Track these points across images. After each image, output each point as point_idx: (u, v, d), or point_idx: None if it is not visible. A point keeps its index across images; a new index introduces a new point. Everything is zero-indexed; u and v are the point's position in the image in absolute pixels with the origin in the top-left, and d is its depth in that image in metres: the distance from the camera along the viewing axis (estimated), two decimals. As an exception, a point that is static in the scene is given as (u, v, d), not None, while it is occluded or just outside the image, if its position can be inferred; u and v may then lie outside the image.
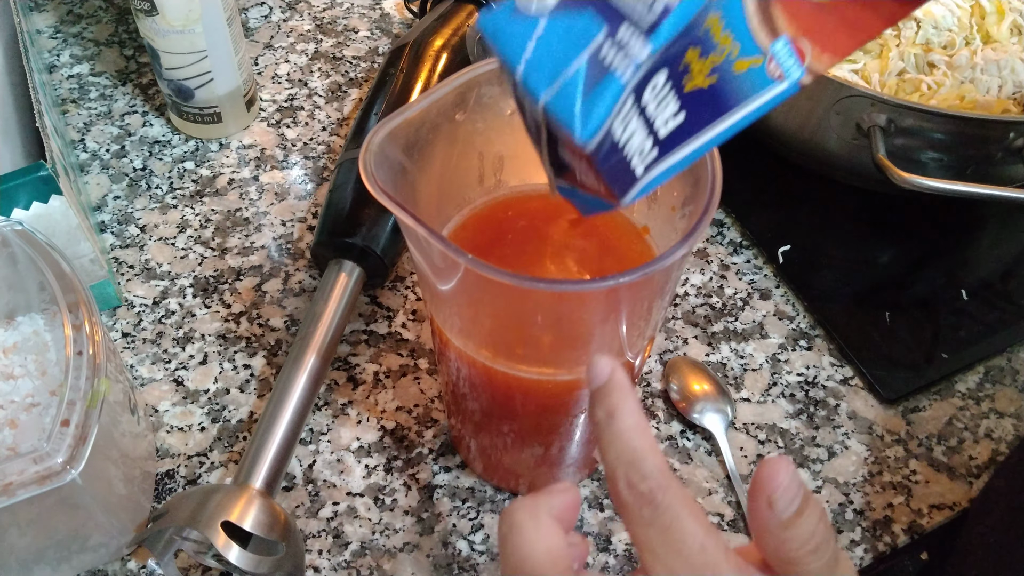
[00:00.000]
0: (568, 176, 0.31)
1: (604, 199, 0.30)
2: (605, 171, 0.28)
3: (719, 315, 0.55)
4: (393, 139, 0.34)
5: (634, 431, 0.27)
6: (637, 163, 0.29)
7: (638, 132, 0.28)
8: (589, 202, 0.32)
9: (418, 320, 0.54)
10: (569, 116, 0.26)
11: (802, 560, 0.27)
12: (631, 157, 0.28)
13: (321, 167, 0.63)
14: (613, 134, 0.27)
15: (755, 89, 0.29)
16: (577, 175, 0.30)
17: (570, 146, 0.28)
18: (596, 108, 0.26)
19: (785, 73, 0.29)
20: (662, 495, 0.26)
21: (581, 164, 0.29)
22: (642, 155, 0.28)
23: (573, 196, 0.32)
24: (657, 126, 0.28)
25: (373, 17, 0.74)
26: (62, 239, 0.48)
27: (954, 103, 0.57)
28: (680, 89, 0.28)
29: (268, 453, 0.44)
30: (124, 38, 0.71)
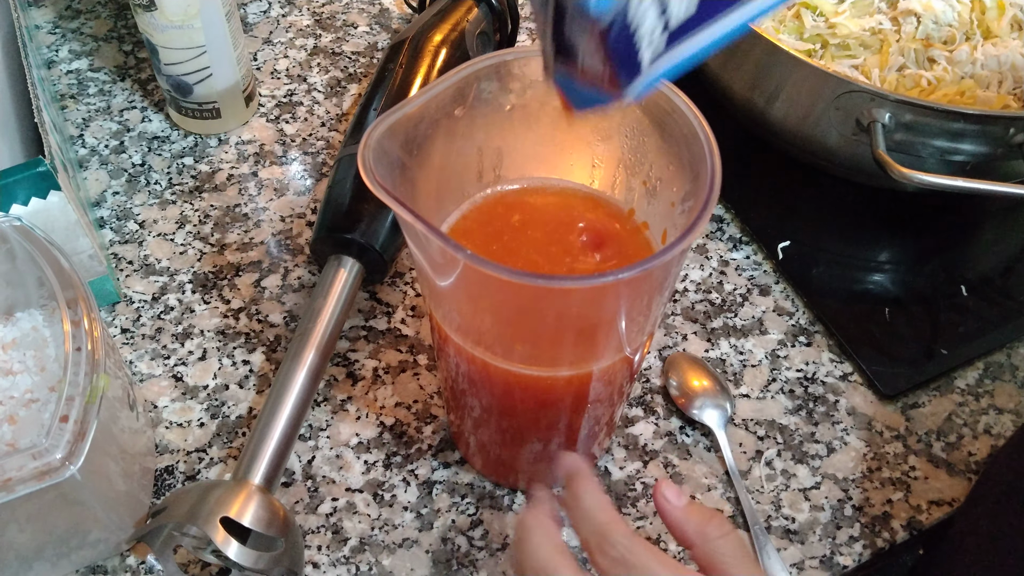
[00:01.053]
0: (568, 63, 0.29)
1: (603, 91, 0.28)
2: (613, 51, 0.26)
3: (718, 311, 0.55)
4: (392, 135, 0.34)
5: (598, 508, 0.33)
6: (645, 51, 0.27)
7: (651, 12, 0.26)
8: (585, 95, 0.30)
9: (417, 316, 0.54)
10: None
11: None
12: (640, 43, 0.26)
13: (320, 163, 0.63)
14: (628, 10, 0.25)
15: None
16: (579, 59, 0.28)
17: (581, 20, 0.26)
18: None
19: None
20: (631, 555, 0.31)
21: (587, 43, 0.27)
22: (651, 43, 0.27)
23: (569, 87, 0.30)
24: (670, 10, 0.26)
25: (372, 12, 0.74)
26: (61, 235, 0.48)
27: (954, 98, 0.57)
28: None
29: (267, 449, 0.44)
30: (123, 33, 0.71)
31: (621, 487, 0.48)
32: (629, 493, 0.47)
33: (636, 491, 0.48)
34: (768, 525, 0.47)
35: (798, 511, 0.47)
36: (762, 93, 0.57)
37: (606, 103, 0.30)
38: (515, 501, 0.47)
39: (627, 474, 0.48)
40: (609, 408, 0.43)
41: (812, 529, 0.47)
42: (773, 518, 0.47)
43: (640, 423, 0.50)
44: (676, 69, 0.28)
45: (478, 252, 0.30)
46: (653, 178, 0.39)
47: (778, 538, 0.46)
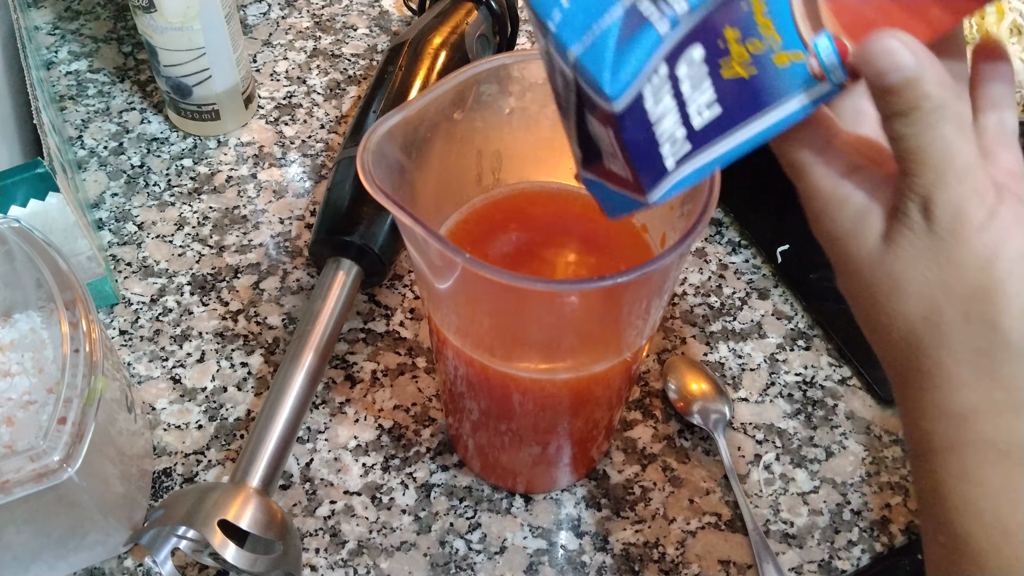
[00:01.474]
0: (596, 166, 0.29)
1: (630, 194, 0.29)
2: (632, 146, 0.26)
3: (717, 315, 0.55)
4: (391, 137, 0.34)
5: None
6: (668, 153, 0.27)
7: (671, 113, 0.26)
8: (615, 199, 0.30)
9: (416, 319, 0.54)
10: (599, 68, 0.25)
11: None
12: (662, 142, 0.27)
13: (319, 165, 0.63)
14: (644, 101, 0.26)
15: (796, 87, 0.27)
16: (604, 160, 0.29)
17: (599, 113, 0.26)
18: (629, 59, 0.25)
19: (826, 73, 0.27)
20: None
21: (609, 139, 0.27)
22: (674, 144, 0.27)
23: (599, 191, 0.31)
24: (691, 113, 0.27)
25: (372, 15, 0.74)
26: (59, 236, 0.48)
27: (953, 103, 0.56)
28: (717, 74, 0.26)
29: (265, 451, 0.44)
30: (122, 35, 0.71)
31: (620, 491, 0.48)
32: (627, 497, 0.47)
33: (634, 494, 0.48)
34: (767, 529, 0.47)
35: (797, 515, 0.47)
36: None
37: (633, 207, 0.29)
38: (513, 504, 0.47)
39: (625, 477, 0.48)
40: (608, 411, 0.43)
41: (811, 533, 0.47)
42: (772, 522, 0.47)
43: (639, 426, 0.50)
44: (704, 171, 0.28)
45: (477, 255, 0.30)
46: (652, 182, 0.39)
47: (777, 542, 0.46)
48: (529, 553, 0.45)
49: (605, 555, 0.45)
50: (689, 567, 0.45)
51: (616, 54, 0.25)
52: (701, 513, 0.47)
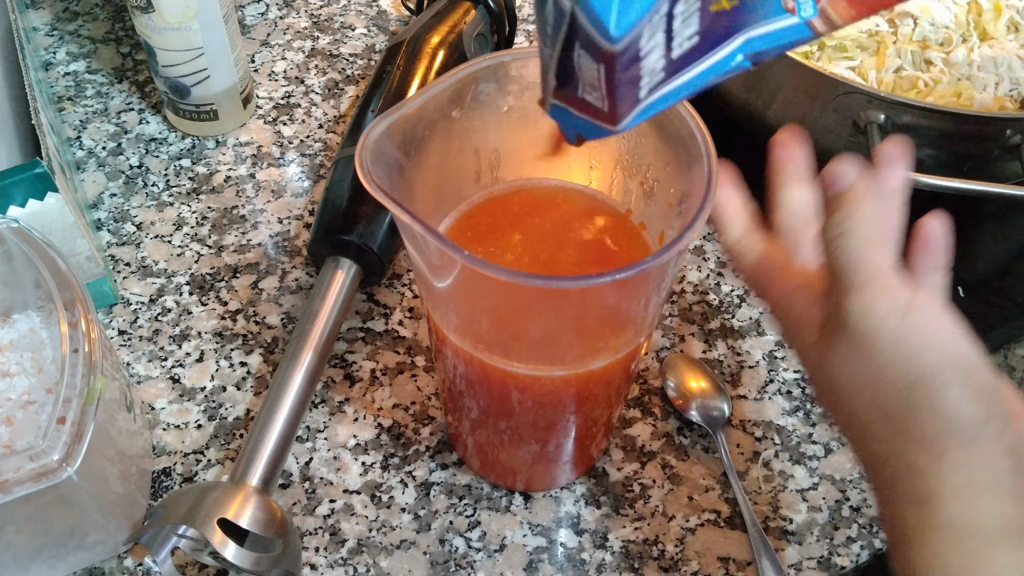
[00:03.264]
0: (567, 95, 0.30)
1: (598, 122, 0.29)
2: (619, 81, 0.27)
3: (716, 312, 0.55)
4: (389, 136, 0.34)
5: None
6: (644, 84, 0.28)
7: (658, 47, 0.27)
8: (580, 125, 0.31)
9: (415, 317, 0.54)
10: (606, 7, 0.25)
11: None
12: (643, 75, 0.27)
13: (318, 164, 0.63)
14: (640, 40, 0.26)
15: (765, 17, 0.28)
16: (580, 90, 0.29)
17: (594, 49, 0.26)
18: (636, 2, 0.25)
19: (797, 7, 0.28)
20: None
21: (591, 73, 0.27)
22: (652, 76, 0.27)
23: (564, 117, 0.31)
24: (674, 45, 0.27)
25: (370, 14, 0.74)
26: (58, 236, 0.48)
27: (951, 100, 0.57)
28: (706, 8, 0.27)
29: (265, 450, 0.44)
30: (120, 35, 0.71)
31: (619, 488, 0.48)
32: (627, 494, 0.47)
33: (634, 492, 0.48)
34: (766, 526, 0.47)
35: (796, 512, 0.47)
36: (759, 94, 0.57)
37: (599, 135, 0.30)
38: (513, 502, 0.47)
39: (625, 475, 0.48)
40: (607, 409, 0.43)
41: (810, 530, 0.47)
42: (771, 519, 0.47)
43: (638, 424, 0.50)
44: (670, 99, 0.29)
45: (475, 253, 0.30)
46: (650, 179, 0.39)
47: (776, 539, 0.46)
48: (529, 551, 0.45)
49: (604, 553, 0.45)
50: (688, 564, 0.45)
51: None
52: (700, 510, 0.47)
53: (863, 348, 0.30)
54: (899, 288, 0.30)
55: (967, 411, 0.29)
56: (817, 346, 0.32)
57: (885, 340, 0.30)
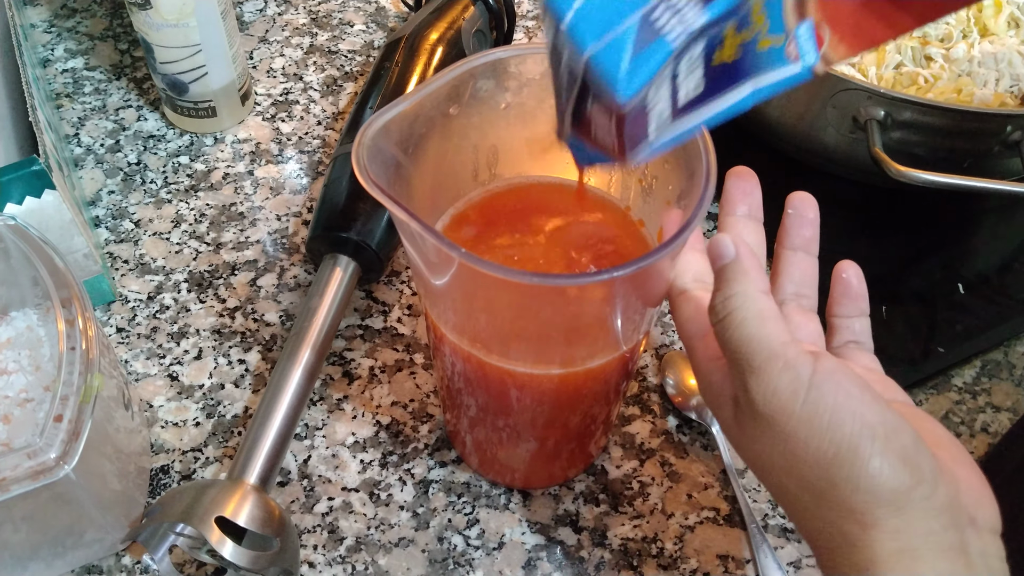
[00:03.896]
0: (581, 133, 0.31)
1: (607, 155, 0.31)
2: (627, 131, 0.28)
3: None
4: (386, 133, 0.34)
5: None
6: (653, 128, 0.29)
7: (664, 99, 0.28)
8: (591, 156, 0.32)
9: (413, 315, 0.54)
10: (614, 73, 0.27)
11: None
12: (651, 121, 0.29)
13: (316, 161, 0.62)
14: (648, 97, 0.27)
15: (769, 66, 0.29)
16: (592, 130, 0.30)
17: (602, 102, 0.28)
18: (642, 70, 0.26)
19: (801, 55, 0.29)
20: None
21: (603, 120, 0.29)
22: (660, 120, 0.29)
23: (577, 148, 0.33)
24: (680, 96, 0.28)
25: (368, 11, 0.74)
26: (55, 234, 0.48)
27: (951, 96, 0.56)
28: (709, 62, 0.28)
29: (263, 448, 0.44)
30: (118, 32, 0.71)
31: (618, 485, 0.48)
32: (626, 492, 0.47)
33: (633, 489, 0.47)
34: (765, 523, 0.47)
35: (795, 509, 0.47)
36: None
37: (610, 164, 0.32)
38: (511, 500, 0.47)
39: (624, 472, 0.48)
40: (606, 406, 0.43)
41: (809, 527, 0.47)
42: (770, 516, 0.47)
43: (637, 422, 0.50)
44: (677, 139, 0.30)
45: (473, 251, 0.30)
46: (649, 176, 0.39)
47: (775, 536, 0.46)
48: (527, 549, 0.45)
49: (603, 550, 0.45)
50: (688, 562, 0.45)
51: (631, 63, 0.26)
52: (699, 508, 0.47)
53: (774, 429, 0.30)
54: (798, 362, 0.29)
55: (891, 480, 0.28)
56: (733, 422, 0.32)
57: (795, 420, 0.29)
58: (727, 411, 0.32)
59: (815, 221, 0.38)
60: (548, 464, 0.46)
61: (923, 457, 0.29)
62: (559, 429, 0.43)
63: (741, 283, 0.30)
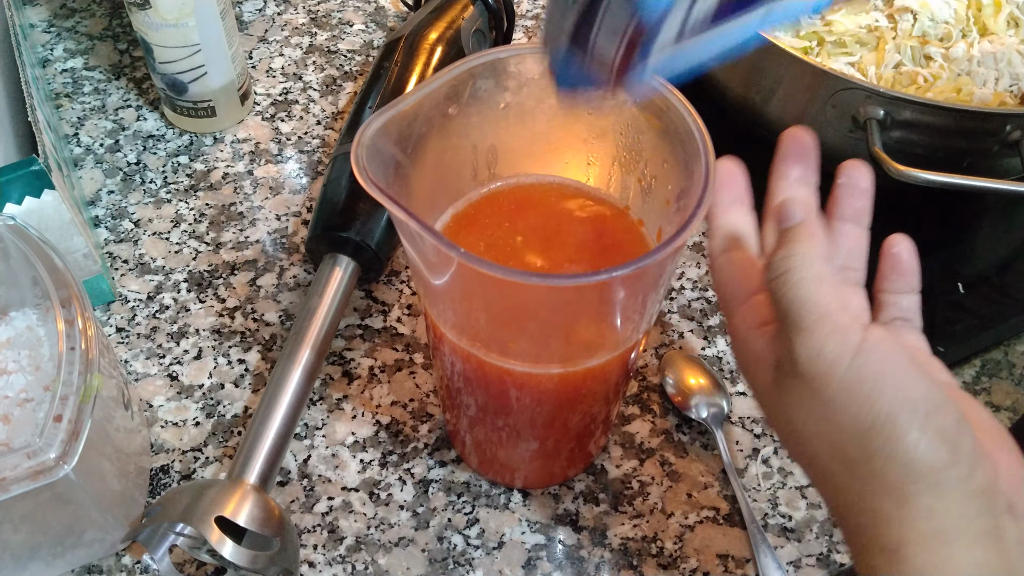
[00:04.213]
0: (578, 43, 0.29)
1: (599, 77, 0.29)
2: (637, 43, 0.27)
3: (715, 309, 0.55)
4: (385, 132, 0.34)
5: None
6: (656, 48, 0.28)
7: (678, 17, 0.27)
8: (577, 79, 0.30)
9: (413, 315, 0.54)
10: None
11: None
12: (657, 41, 0.27)
13: (316, 161, 0.62)
14: (668, 12, 0.26)
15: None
16: (592, 42, 0.28)
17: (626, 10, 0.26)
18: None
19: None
20: None
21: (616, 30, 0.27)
22: (664, 41, 0.28)
23: (565, 68, 0.30)
24: (691, 16, 0.27)
25: (368, 10, 0.74)
26: (55, 234, 0.48)
27: (951, 96, 0.56)
28: None
29: (263, 448, 0.44)
30: (118, 32, 0.71)
31: (618, 485, 0.48)
32: (626, 491, 0.47)
33: (633, 489, 0.47)
34: (765, 523, 0.47)
35: (795, 509, 0.47)
36: (758, 90, 0.57)
37: (597, 91, 0.30)
38: (511, 499, 0.47)
39: (623, 472, 0.48)
40: (605, 406, 0.43)
41: (809, 527, 0.47)
42: (770, 516, 0.47)
43: (637, 421, 0.50)
44: (672, 69, 0.29)
45: (472, 250, 0.30)
46: (648, 175, 0.39)
47: (775, 536, 0.46)
48: (527, 548, 0.45)
49: (603, 550, 0.45)
50: (687, 561, 0.45)
51: None
52: (699, 507, 0.47)
53: (815, 393, 0.29)
54: (849, 328, 0.29)
55: (927, 456, 0.28)
56: (772, 388, 0.31)
57: (837, 384, 0.29)
58: (766, 377, 0.32)
59: (868, 191, 0.36)
60: (548, 463, 0.46)
61: (964, 438, 0.28)
62: (559, 428, 0.43)
63: (805, 244, 0.30)
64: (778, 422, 0.32)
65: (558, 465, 0.47)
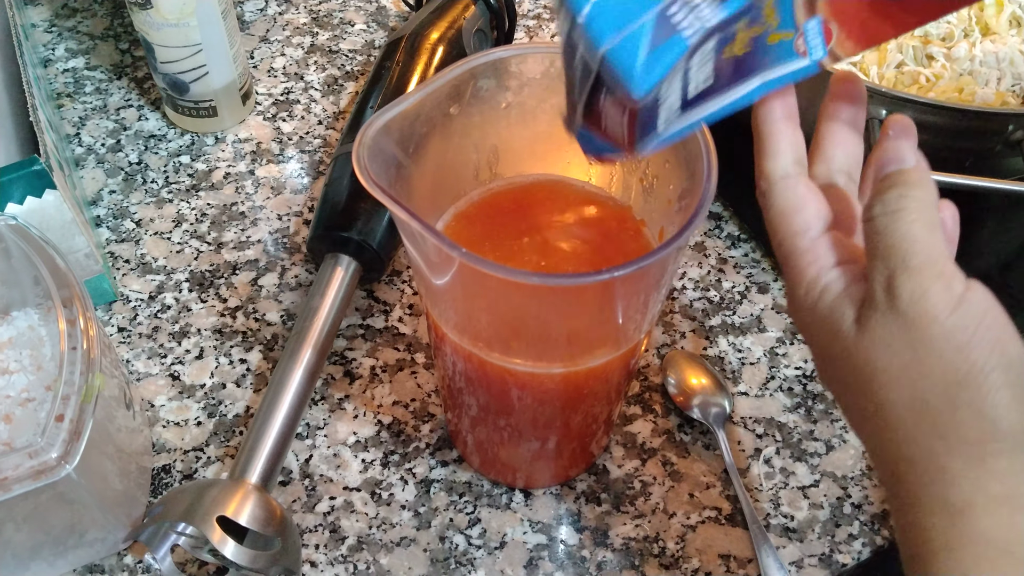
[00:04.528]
0: (591, 120, 0.31)
1: (618, 147, 0.31)
2: (640, 123, 0.29)
3: (717, 309, 0.55)
4: (387, 132, 0.34)
5: None
6: (662, 120, 0.29)
7: (676, 92, 0.28)
8: (600, 147, 0.32)
9: (415, 314, 0.54)
10: (629, 69, 0.27)
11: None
12: (661, 113, 0.29)
13: (317, 161, 0.62)
14: (661, 92, 0.28)
15: (778, 61, 0.29)
16: (603, 122, 0.31)
17: (616, 96, 0.28)
18: (657, 66, 0.27)
19: (809, 51, 0.29)
20: None
21: (615, 113, 0.29)
22: (669, 113, 0.29)
23: (586, 140, 0.33)
24: (690, 89, 0.29)
25: (369, 10, 0.74)
26: (56, 234, 0.48)
27: (952, 96, 0.56)
28: (720, 55, 0.28)
29: (264, 448, 0.44)
30: (119, 32, 0.71)
31: (619, 485, 0.48)
32: (627, 491, 0.47)
33: (634, 489, 0.47)
34: (767, 523, 0.47)
35: (797, 509, 0.47)
36: (760, 90, 0.57)
37: (618, 156, 0.32)
38: (513, 499, 0.47)
39: (625, 472, 0.48)
40: (607, 406, 0.43)
41: (811, 527, 0.46)
42: (772, 516, 0.47)
43: (638, 421, 0.50)
44: (684, 131, 0.30)
45: (474, 250, 0.30)
46: (650, 175, 0.39)
47: (777, 536, 0.46)
48: (529, 548, 0.45)
49: (605, 550, 0.45)
50: (689, 561, 0.45)
51: (647, 59, 0.27)
52: (701, 507, 0.47)
53: (910, 335, 0.28)
54: (953, 277, 0.28)
55: (1013, 416, 0.27)
56: (851, 328, 0.30)
57: (936, 330, 0.28)
58: (843, 318, 0.30)
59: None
60: (550, 463, 0.46)
61: None
62: (560, 428, 0.43)
63: (923, 190, 0.29)
64: (846, 366, 0.30)
65: (560, 465, 0.47)
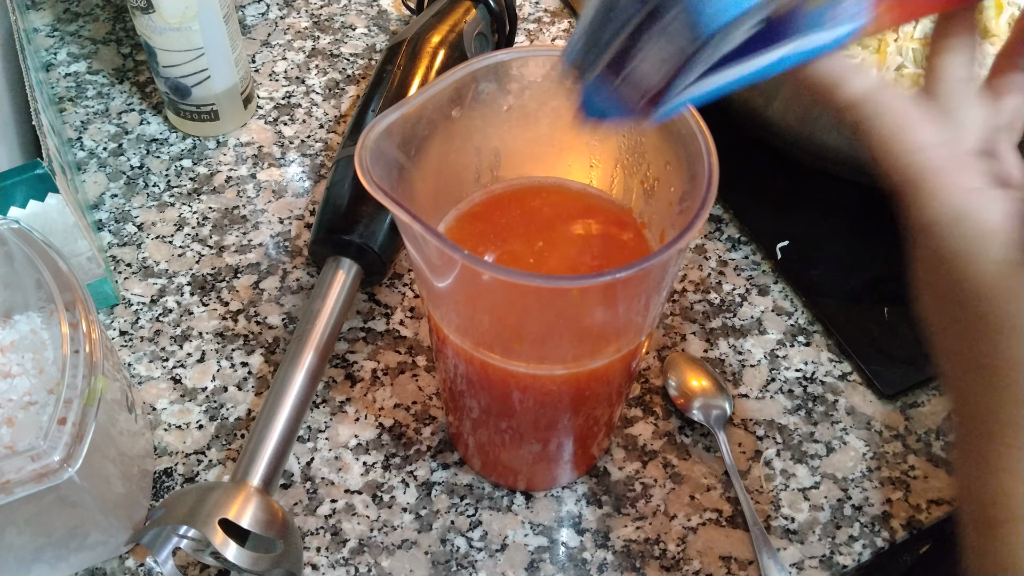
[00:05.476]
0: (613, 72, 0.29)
1: (627, 107, 0.29)
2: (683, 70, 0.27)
3: (717, 311, 0.55)
4: (389, 135, 0.34)
5: None
6: (685, 78, 0.27)
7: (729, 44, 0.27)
8: (603, 108, 0.30)
9: (416, 317, 0.54)
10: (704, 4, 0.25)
11: None
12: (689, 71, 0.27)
13: (319, 164, 0.63)
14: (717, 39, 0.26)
15: (812, 28, 0.28)
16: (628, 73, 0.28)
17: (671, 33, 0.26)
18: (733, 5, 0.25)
19: (849, 19, 0.28)
20: None
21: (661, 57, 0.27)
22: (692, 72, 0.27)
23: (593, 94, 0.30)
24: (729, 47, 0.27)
25: (370, 14, 0.74)
26: (59, 237, 0.48)
27: (952, 98, 0.56)
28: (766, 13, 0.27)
29: (266, 451, 0.44)
30: (121, 36, 0.71)
31: (620, 487, 0.48)
32: (628, 494, 0.47)
33: (635, 491, 0.48)
34: (768, 525, 0.47)
35: (797, 511, 0.47)
36: (760, 92, 0.57)
37: (623, 119, 0.30)
38: (514, 502, 0.47)
39: (626, 474, 0.48)
40: (608, 408, 0.43)
41: (812, 529, 0.47)
42: (773, 518, 0.47)
43: (639, 423, 0.50)
44: (702, 97, 0.29)
45: (475, 252, 0.30)
46: (651, 178, 0.39)
47: (778, 538, 0.46)
48: (530, 551, 0.45)
49: (606, 552, 0.45)
50: (690, 563, 0.45)
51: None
52: (702, 509, 0.47)
53: None
54: None
55: None
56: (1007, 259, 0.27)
57: None
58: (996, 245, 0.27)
59: None
60: (551, 466, 0.46)
61: None
62: (561, 431, 0.43)
63: None
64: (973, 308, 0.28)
65: (561, 467, 0.47)
